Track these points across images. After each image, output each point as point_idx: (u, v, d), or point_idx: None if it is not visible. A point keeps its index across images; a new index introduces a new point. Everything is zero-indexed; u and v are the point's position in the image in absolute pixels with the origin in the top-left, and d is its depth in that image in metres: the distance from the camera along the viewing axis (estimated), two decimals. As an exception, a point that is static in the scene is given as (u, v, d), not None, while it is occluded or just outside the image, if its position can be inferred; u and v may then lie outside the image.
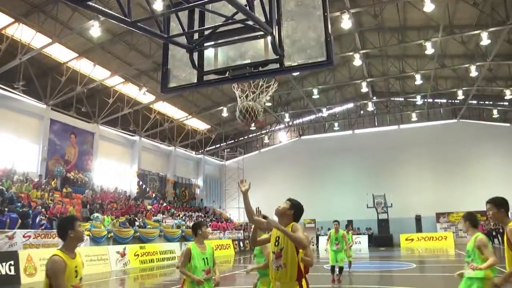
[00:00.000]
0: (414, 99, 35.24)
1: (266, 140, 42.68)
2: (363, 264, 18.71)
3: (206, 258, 5.52)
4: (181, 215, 30.49)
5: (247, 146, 43.53)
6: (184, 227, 26.51)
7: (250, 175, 40.86)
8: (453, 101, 35.27)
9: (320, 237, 34.74)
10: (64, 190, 23.16)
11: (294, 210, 4.38)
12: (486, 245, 5.19)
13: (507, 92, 29.77)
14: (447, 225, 33.75)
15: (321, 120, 40.48)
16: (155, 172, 33.89)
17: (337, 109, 39.54)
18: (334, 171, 39.29)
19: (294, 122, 41.29)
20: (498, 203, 4.69)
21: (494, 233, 31.56)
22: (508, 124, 35.95)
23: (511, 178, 33.03)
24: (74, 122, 26.46)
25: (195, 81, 4.06)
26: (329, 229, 33.82)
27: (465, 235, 33.35)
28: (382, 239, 32.96)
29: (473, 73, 26.56)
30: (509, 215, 4.77)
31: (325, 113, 38.35)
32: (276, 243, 4.43)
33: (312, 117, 40.49)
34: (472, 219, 5.48)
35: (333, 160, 39.30)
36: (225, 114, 33.17)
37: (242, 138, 42.85)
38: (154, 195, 32.22)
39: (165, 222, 26.98)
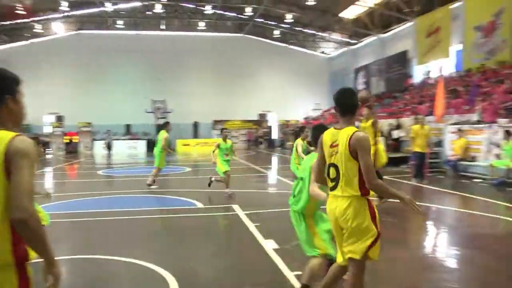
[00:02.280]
0: (204, 9, 35.02)
1: (38, 29, 36.63)
2: (141, 169, 18.53)
3: None
4: None
5: (14, 34, 36.84)
6: None
7: (18, 69, 35.08)
8: (241, 16, 36.55)
9: (95, 142, 33.10)
10: None
11: None
12: None
13: (288, 16, 33.73)
14: (222, 132, 36.21)
15: (103, 14, 36.78)
16: None
17: (122, 5, 36.10)
18: (114, 73, 37.44)
19: (72, 12, 36.34)
20: None
21: (260, 140, 35.79)
22: (285, 45, 40.65)
23: (283, 92, 38.71)
24: None
25: None
26: (105, 132, 32.56)
27: (237, 142, 36.39)
28: (159, 144, 33.28)
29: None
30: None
31: (109, 7, 34.87)
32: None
33: (94, 10, 36.32)
34: None
35: (114, 61, 37.34)
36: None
37: (7, 22, 35.83)
38: None
39: None
